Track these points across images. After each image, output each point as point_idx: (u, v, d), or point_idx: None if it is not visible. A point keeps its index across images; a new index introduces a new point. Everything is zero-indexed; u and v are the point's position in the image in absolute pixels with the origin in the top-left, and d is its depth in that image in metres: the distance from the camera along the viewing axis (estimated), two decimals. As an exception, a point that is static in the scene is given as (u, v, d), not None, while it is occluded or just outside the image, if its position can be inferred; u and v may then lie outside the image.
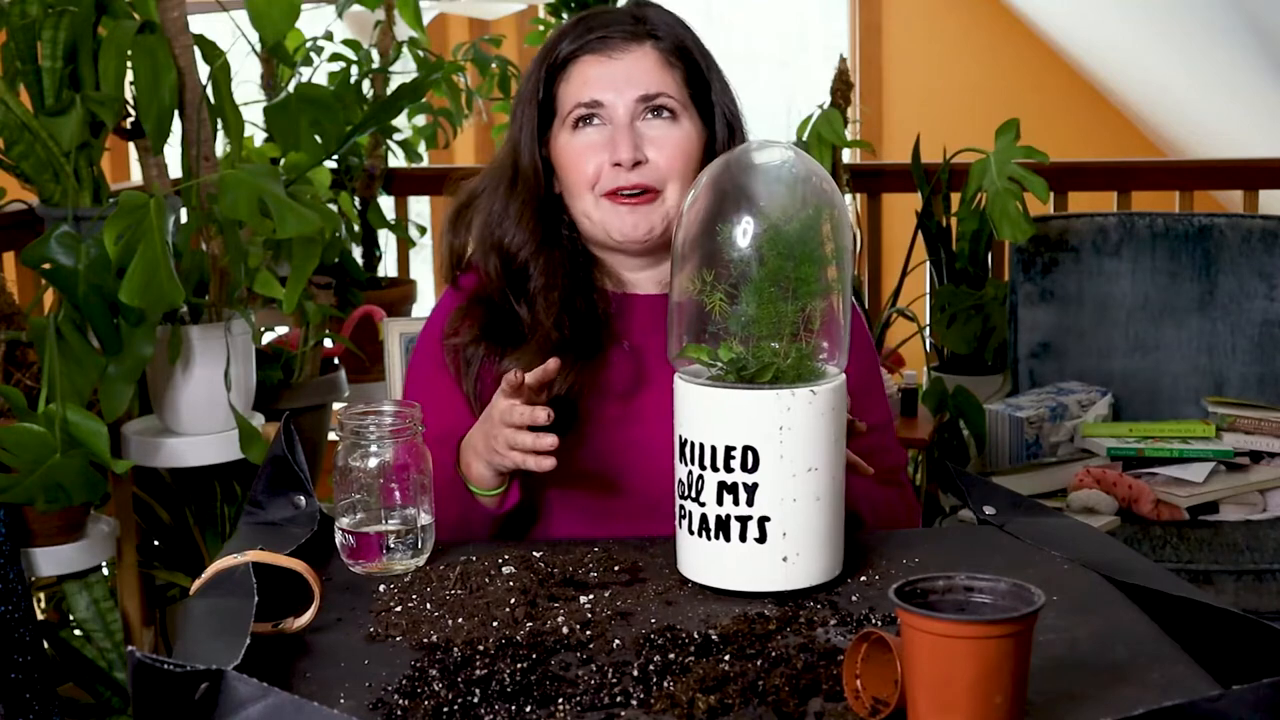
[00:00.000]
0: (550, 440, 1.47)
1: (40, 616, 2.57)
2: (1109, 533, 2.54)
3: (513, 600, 1.34)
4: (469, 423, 1.62)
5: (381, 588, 1.41)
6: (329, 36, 3.49)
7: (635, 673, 1.19)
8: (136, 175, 3.40)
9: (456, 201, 1.77)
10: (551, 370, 1.50)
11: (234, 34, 2.76)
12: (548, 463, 1.47)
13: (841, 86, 3.65)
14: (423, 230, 4.14)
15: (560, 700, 1.14)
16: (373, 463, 1.45)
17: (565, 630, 1.28)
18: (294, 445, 1.53)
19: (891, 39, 6.19)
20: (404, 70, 3.75)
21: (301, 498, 1.53)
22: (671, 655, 1.22)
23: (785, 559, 1.36)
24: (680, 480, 1.40)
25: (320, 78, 3.52)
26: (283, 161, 2.96)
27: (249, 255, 2.52)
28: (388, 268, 4.09)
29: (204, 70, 2.52)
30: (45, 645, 2.41)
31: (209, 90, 2.49)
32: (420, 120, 3.98)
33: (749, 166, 1.45)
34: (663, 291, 1.72)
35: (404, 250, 4.14)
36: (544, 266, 1.68)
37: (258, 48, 3.16)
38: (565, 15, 3.94)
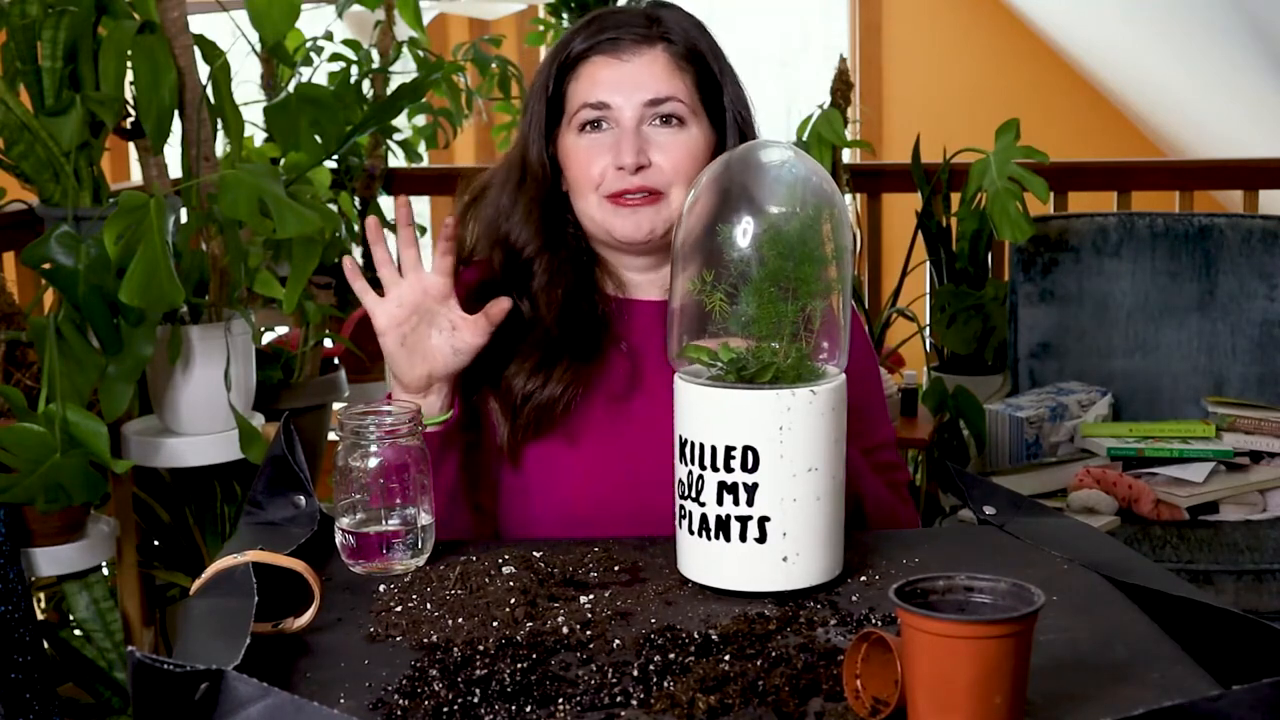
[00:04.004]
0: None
1: (40, 616, 2.57)
2: (1109, 533, 2.54)
3: (513, 600, 1.34)
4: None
5: (381, 588, 1.41)
6: (329, 36, 3.49)
7: (635, 673, 1.18)
8: (136, 175, 3.40)
9: (468, 194, 1.77)
10: (505, 307, 1.58)
11: (234, 34, 2.76)
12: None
13: (841, 86, 3.66)
14: (422, 230, 4.14)
15: (560, 700, 1.14)
16: (373, 463, 1.45)
17: (565, 630, 1.28)
18: (293, 445, 1.53)
19: (891, 39, 6.20)
20: (404, 70, 3.74)
21: (301, 498, 1.53)
22: (671, 655, 1.21)
23: (785, 559, 1.36)
24: (680, 480, 1.40)
25: (320, 78, 3.52)
26: (283, 161, 2.96)
27: (249, 255, 2.52)
28: (388, 268, 4.08)
29: (204, 70, 2.52)
30: (45, 645, 2.41)
31: (209, 90, 2.48)
32: (420, 120, 3.98)
33: (749, 166, 1.45)
34: (664, 297, 1.72)
35: (404, 250, 4.13)
36: (548, 264, 1.69)
37: (258, 48, 3.16)
38: (565, 15, 3.94)
